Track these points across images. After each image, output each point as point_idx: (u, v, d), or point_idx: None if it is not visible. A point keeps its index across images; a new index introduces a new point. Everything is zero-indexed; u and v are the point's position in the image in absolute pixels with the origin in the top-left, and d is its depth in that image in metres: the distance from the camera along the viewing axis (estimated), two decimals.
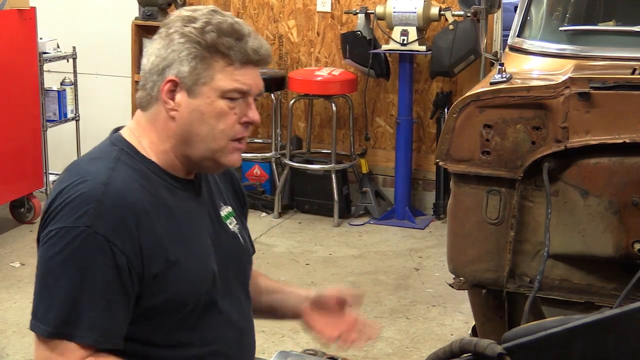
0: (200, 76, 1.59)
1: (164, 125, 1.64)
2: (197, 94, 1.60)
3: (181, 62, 1.59)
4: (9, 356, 3.63)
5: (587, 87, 2.45)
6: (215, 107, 1.61)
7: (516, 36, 3.09)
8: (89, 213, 1.52)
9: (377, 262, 4.76)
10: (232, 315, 1.71)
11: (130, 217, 1.54)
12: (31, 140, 5.17)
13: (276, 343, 3.66)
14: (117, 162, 1.61)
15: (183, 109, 1.61)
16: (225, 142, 1.63)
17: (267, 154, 5.67)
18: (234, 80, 1.60)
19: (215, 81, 1.60)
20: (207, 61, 1.59)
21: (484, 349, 1.16)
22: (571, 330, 1.16)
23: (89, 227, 1.51)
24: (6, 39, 4.88)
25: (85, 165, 1.62)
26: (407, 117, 5.36)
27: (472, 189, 2.62)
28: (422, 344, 3.76)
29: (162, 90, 1.61)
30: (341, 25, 5.64)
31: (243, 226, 1.85)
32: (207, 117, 1.61)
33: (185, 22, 1.61)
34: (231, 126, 1.63)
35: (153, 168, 1.64)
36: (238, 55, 1.60)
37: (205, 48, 1.59)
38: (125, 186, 1.57)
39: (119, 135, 1.68)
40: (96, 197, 1.53)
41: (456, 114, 2.60)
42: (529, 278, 2.61)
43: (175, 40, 1.60)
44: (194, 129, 1.62)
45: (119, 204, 1.54)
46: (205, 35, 1.58)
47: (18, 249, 4.85)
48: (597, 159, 2.48)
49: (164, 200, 1.62)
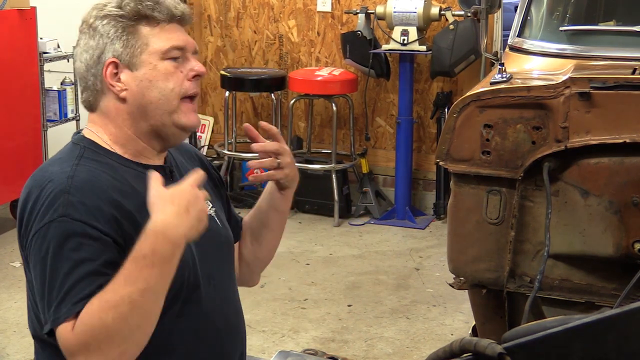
0: (135, 47, 1.62)
1: (117, 111, 1.65)
2: (138, 65, 1.63)
3: (112, 42, 1.62)
4: (9, 356, 3.63)
5: (588, 87, 2.45)
6: (161, 70, 1.63)
7: (516, 36, 3.09)
8: (60, 206, 1.53)
9: (378, 262, 4.76)
10: (216, 298, 1.71)
11: (103, 201, 1.55)
12: (31, 140, 5.17)
13: (276, 343, 3.67)
14: (81, 159, 1.62)
15: (131, 84, 1.63)
16: (177, 101, 1.65)
17: None
18: (168, 39, 1.64)
19: (150, 45, 1.62)
20: (135, 30, 1.62)
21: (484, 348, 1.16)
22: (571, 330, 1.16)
23: (65, 216, 1.52)
24: (6, 39, 4.89)
25: (49, 168, 1.63)
26: (407, 117, 5.37)
27: (473, 188, 2.62)
28: (422, 344, 3.76)
29: (105, 76, 1.63)
30: (341, 25, 5.64)
31: (220, 209, 1.84)
32: (155, 82, 1.63)
33: (100, 8, 1.64)
34: (180, 83, 1.65)
35: (118, 159, 1.65)
36: (163, 15, 1.63)
37: (129, 19, 1.62)
38: (90, 175, 1.58)
39: (81, 135, 1.70)
40: (64, 190, 1.54)
41: (456, 114, 2.60)
42: (529, 278, 2.61)
43: (99, 26, 1.63)
44: (146, 98, 1.63)
45: (88, 190, 1.55)
46: (125, 7, 1.62)
47: (18, 248, 4.84)
48: (597, 158, 2.48)
49: (133, 187, 1.62)
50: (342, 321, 3.96)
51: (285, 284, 4.39)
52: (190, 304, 1.65)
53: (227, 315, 1.75)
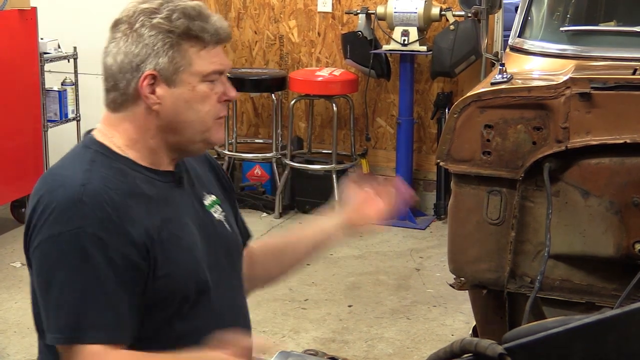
0: (178, 65, 1.60)
1: (144, 121, 1.63)
2: (177, 82, 1.61)
3: (157, 54, 1.59)
4: (10, 356, 3.63)
5: (588, 88, 2.45)
6: (199, 92, 1.62)
7: (517, 36, 3.09)
8: (74, 216, 1.52)
9: (378, 262, 4.76)
10: (225, 302, 1.71)
11: (114, 213, 1.54)
12: (32, 140, 5.17)
13: (277, 343, 3.67)
14: (93, 164, 1.61)
15: (166, 100, 1.61)
16: (212, 123, 1.66)
17: (267, 154, 5.67)
18: (211, 63, 1.62)
19: (193, 66, 1.61)
20: (182, 48, 1.60)
21: (485, 349, 1.16)
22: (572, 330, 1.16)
23: (78, 229, 1.51)
24: (7, 39, 4.89)
25: (60, 171, 1.62)
26: (407, 117, 5.37)
27: (473, 189, 2.62)
28: (422, 344, 3.76)
29: (141, 86, 1.60)
30: (342, 26, 5.64)
31: (230, 213, 1.84)
32: (192, 103, 1.62)
33: (149, 15, 1.60)
34: (214, 106, 1.65)
35: (129, 164, 1.64)
36: (210, 37, 1.61)
37: (178, 36, 1.59)
38: (103, 184, 1.57)
39: (92, 137, 1.68)
40: (77, 199, 1.53)
41: (457, 114, 2.60)
42: (529, 278, 2.61)
43: (146, 34, 1.59)
44: (181, 117, 1.63)
45: (101, 201, 1.54)
46: (175, 22, 1.59)
47: (19, 249, 4.81)
48: (597, 159, 2.48)
49: (144, 192, 1.62)
50: (342, 321, 3.96)
51: (285, 284, 4.39)
52: (198, 308, 1.65)
53: (234, 319, 1.75)
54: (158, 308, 1.60)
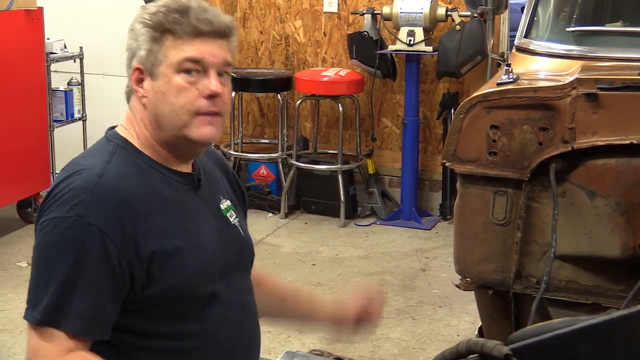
0: (156, 57, 1.62)
1: (140, 114, 1.67)
2: (157, 75, 1.63)
3: (139, 48, 1.64)
4: (16, 355, 3.64)
5: (594, 88, 2.45)
6: (173, 84, 1.62)
7: (523, 37, 3.08)
8: (82, 203, 1.53)
9: (384, 262, 4.76)
10: (235, 306, 1.71)
11: (124, 208, 1.55)
12: (38, 140, 5.18)
13: (282, 344, 3.67)
14: (113, 156, 1.62)
15: (150, 93, 1.64)
16: (187, 117, 1.62)
17: (273, 155, 5.68)
18: (182, 51, 1.61)
19: (168, 58, 1.62)
20: (159, 41, 1.62)
21: (491, 349, 1.16)
22: (578, 331, 1.16)
23: (81, 217, 1.52)
24: (13, 39, 4.90)
25: (82, 160, 1.64)
26: (413, 117, 5.36)
27: (479, 189, 2.62)
28: (428, 345, 3.76)
29: (132, 80, 1.66)
30: (348, 26, 5.64)
31: (243, 220, 1.85)
32: (167, 96, 1.62)
33: (143, 10, 1.65)
34: (192, 101, 1.61)
35: (149, 161, 1.65)
36: (185, 29, 1.61)
37: (154, 29, 1.62)
38: (119, 177, 1.58)
39: (114, 131, 1.71)
40: (90, 188, 1.55)
41: (463, 115, 2.60)
42: (535, 279, 2.61)
43: (136, 30, 1.64)
44: (159, 110, 1.63)
45: (112, 194, 1.55)
46: (155, 16, 1.62)
47: (25, 248, 4.85)
48: (604, 160, 2.47)
49: (160, 193, 1.63)
50: None
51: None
52: (208, 309, 1.66)
53: (245, 321, 1.75)
54: (164, 306, 1.61)
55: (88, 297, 1.53)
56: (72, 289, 1.52)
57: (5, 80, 4.84)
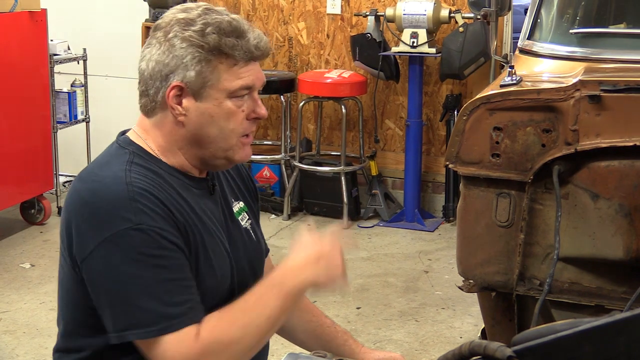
0: (206, 79, 1.59)
1: (172, 130, 1.64)
2: (204, 97, 1.60)
3: (185, 67, 1.58)
4: (19, 357, 3.64)
5: (598, 90, 2.44)
6: (224, 108, 1.61)
7: (526, 39, 3.08)
8: (129, 213, 1.52)
9: (387, 264, 4.75)
10: None
11: (163, 208, 1.56)
12: (41, 141, 5.19)
13: (285, 345, 3.66)
14: (131, 164, 1.61)
15: (191, 113, 1.61)
16: (235, 140, 1.64)
17: (276, 156, 5.68)
18: (239, 79, 1.61)
19: (221, 82, 1.60)
20: (211, 64, 1.59)
21: (494, 351, 1.16)
22: (581, 333, 1.16)
23: (138, 224, 1.52)
24: (17, 41, 4.91)
25: (99, 172, 1.61)
26: (416, 119, 5.36)
27: (482, 191, 2.62)
28: (431, 347, 3.76)
29: (167, 96, 1.60)
30: (351, 28, 5.64)
31: (255, 222, 1.85)
32: (216, 119, 1.61)
33: (183, 26, 1.59)
34: (240, 124, 1.64)
35: (165, 167, 1.65)
36: (242, 54, 1.60)
37: (208, 51, 1.58)
38: (145, 183, 1.57)
39: (127, 138, 1.68)
40: (127, 197, 1.53)
41: (466, 117, 2.59)
42: (538, 281, 2.61)
43: (177, 46, 1.59)
44: (204, 132, 1.62)
45: (150, 197, 1.55)
46: (207, 37, 1.58)
47: (28, 250, 4.86)
48: (607, 161, 2.47)
49: (182, 198, 1.63)
50: (350, 323, 3.96)
51: None
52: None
53: None
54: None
55: (180, 289, 1.53)
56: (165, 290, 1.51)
57: (8, 81, 4.85)
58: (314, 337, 1.99)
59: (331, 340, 1.97)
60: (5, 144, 4.86)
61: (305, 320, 1.98)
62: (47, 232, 5.12)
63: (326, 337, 1.98)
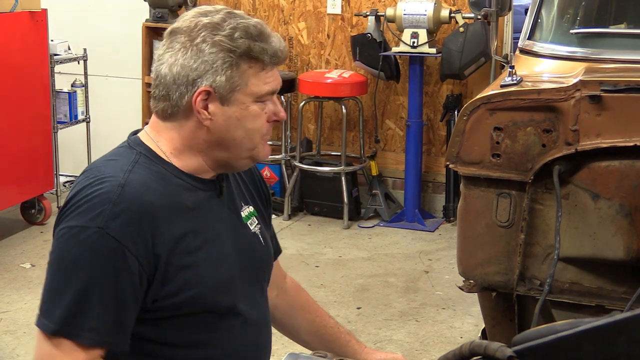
0: (235, 84, 1.59)
1: (192, 133, 1.63)
2: (231, 101, 1.60)
3: (215, 72, 1.57)
4: (20, 357, 3.65)
5: (598, 90, 2.45)
6: (251, 112, 1.62)
7: (527, 39, 3.08)
8: (103, 214, 1.52)
9: (387, 264, 4.75)
10: (251, 316, 1.71)
11: (145, 220, 1.54)
12: (42, 141, 5.19)
13: (285, 345, 3.66)
14: (135, 165, 1.60)
15: (218, 117, 1.60)
16: (259, 140, 1.66)
17: (277, 156, 5.68)
18: (266, 84, 1.61)
19: (249, 87, 1.60)
20: (241, 68, 1.58)
21: (494, 351, 1.15)
22: (582, 333, 1.16)
23: (102, 229, 1.51)
24: (18, 41, 4.91)
25: (103, 168, 1.62)
26: (417, 119, 5.37)
27: (482, 191, 2.62)
28: (431, 347, 3.76)
29: (194, 101, 1.59)
30: (351, 28, 5.64)
31: (265, 226, 1.84)
32: (243, 122, 1.62)
33: (211, 30, 1.58)
34: (263, 125, 1.65)
35: (172, 170, 1.64)
36: (269, 59, 1.60)
37: (239, 56, 1.57)
38: (141, 188, 1.57)
39: (137, 138, 1.68)
40: (112, 198, 1.53)
41: (466, 117, 2.59)
42: (539, 281, 2.61)
43: (206, 50, 1.57)
44: (230, 135, 1.62)
45: (134, 206, 1.54)
46: (237, 41, 1.57)
47: (28, 250, 4.86)
48: (608, 162, 2.47)
49: (183, 202, 1.62)
50: (351, 324, 3.96)
51: None
52: (223, 321, 1.66)
53: (258, 332, 1.76)
54: (183, 316, 1.61)
55: (105, 310, 1.52)
56: (89, 301, 1.51)
57: (9, 81, 4.85)
58: (318, 338, 1.98)
59: (334, 341, 1.96)
60: (6, 144, 4.86)
61: (310, 320, 1.98)
62: (47, 232, 5.12)
63: (329, 338, 1.97)
